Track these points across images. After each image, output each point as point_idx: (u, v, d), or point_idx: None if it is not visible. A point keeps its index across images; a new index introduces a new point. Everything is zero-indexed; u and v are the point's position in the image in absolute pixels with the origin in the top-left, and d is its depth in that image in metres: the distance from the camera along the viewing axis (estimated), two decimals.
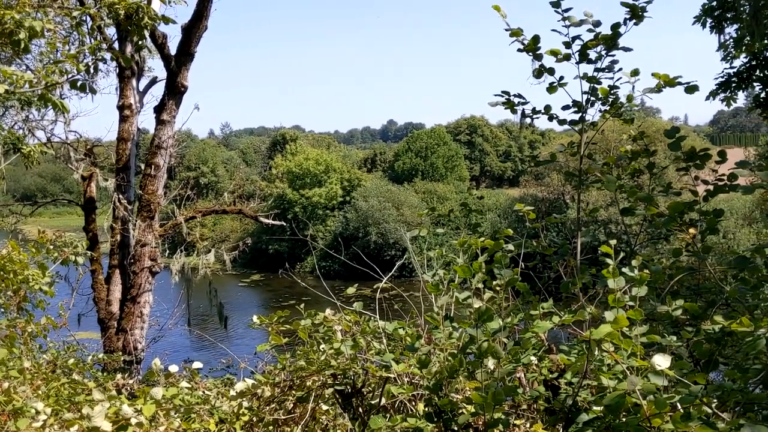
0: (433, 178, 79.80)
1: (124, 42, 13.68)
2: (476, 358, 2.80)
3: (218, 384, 5.02)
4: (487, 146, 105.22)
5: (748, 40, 11.18)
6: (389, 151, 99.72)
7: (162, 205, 13.95)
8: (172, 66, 12.96)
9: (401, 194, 67.93)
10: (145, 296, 13.36)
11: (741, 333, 3.39)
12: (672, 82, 4.55)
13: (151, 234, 13.38)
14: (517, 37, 4.89)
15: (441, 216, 5.32)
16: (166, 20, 8.63)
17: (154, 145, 13.41)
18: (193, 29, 12.77)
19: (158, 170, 13.43)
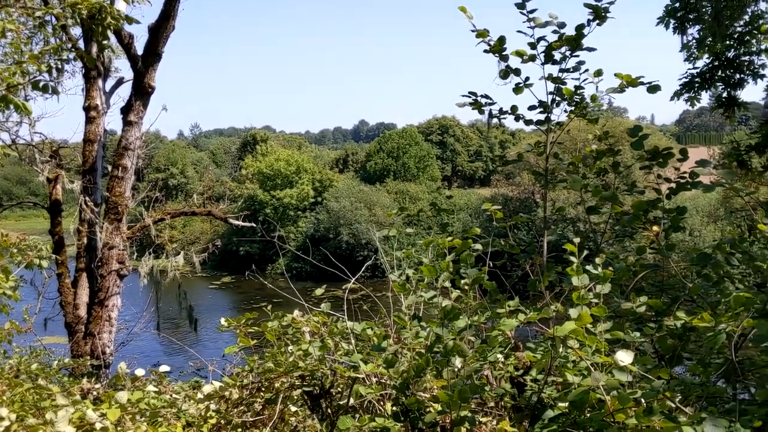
0: (405, 178, 79.97)
1: (89, 42, 13.48)
2: (443, 356, 2.82)
3: (185, 387, 4.98)
4: (458, 146, 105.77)
5: (710, 41, 11.41)
6: (361, 151, 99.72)
7: (130, 207, 13.78)
8: (139, 66, 12.82)
9: (373, 194, 67.95)
10: (113, 300, 13.18)
11: (702, 328, 3.46)
12: (634, 82, 4.63)
13: (118, 236, 13.21)
14: (483, 38, 4.93)
15: (411, 216, 5.33)
16: (130, 20, 8.53)
17: (121, 147, 13.24)
18: (160, 29, 12.64)
19: (125, 172, 13.26)
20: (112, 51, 14.09)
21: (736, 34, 11.57)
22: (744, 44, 11.68)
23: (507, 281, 4.66)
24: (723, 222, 44.78)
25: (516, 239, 5.12)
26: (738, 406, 3.42)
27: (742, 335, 3.67)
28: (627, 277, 4.40)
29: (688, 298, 4.60)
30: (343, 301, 4.51)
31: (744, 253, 4.26)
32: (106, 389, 5.86)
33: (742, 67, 11.61)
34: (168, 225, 16.80)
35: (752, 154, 11.67)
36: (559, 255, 4.05)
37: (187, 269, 18.79)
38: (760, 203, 4.94)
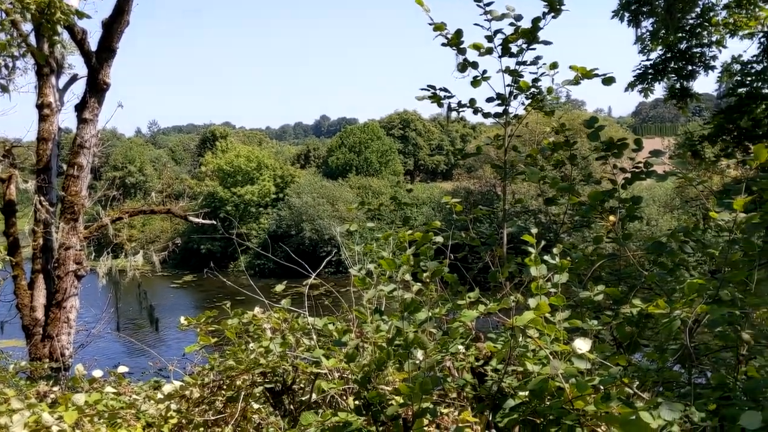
0: (367, 173, 79.95)
1: (41, 38, 13.15)
2: (403, 349, 2.83)
3: (145, 387, 4.90)
4: (420, 140, 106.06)
5: (663, 34, 11.63)
6: (323, 146, 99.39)
7: (86, 207, 13.51)
8: (93, 63, 12.56)
9: (335, 190, 67.81)
10: (71, 301, 12.93)
11: (658, 315, 3.53)
12: (589, 74, 4.69)
13: (75, 237, 12.95)
14: (440, 32, 4.95)
15: (372, 210, 5.33)
16: (81, 15, 8.34)
17: (76, 145, 12.97)
18: (114, 24, 12.40)
19: (81, 170, 12.99)
20: (63, 47, 13.77)
21: (687, 27, 11.83)
22: (695, 36, 11.95)
23: (468, 273, 4.69)
24: (679, 211, 45.81)
25: (477, 232, 5.16)
26: (693, 390, 3.50)
27: (696, 321, 3.77)
28: (585, 267, 4.48)
29: (646, 286, 4.70)
30: (305, 297, 4.48)
31: (697, 241, 4.36)
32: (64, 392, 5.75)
33: (693, 58, 11.88)
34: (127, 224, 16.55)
35: (705, 145, 11.95)
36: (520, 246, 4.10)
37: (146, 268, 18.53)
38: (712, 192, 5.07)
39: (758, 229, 3.71)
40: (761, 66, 11.56)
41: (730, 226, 3.57)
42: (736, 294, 3.64)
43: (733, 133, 11.04)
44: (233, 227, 48.85)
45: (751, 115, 11.20)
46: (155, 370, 8.32)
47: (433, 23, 4.90)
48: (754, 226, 3.69)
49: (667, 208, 49.35)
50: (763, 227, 3.73)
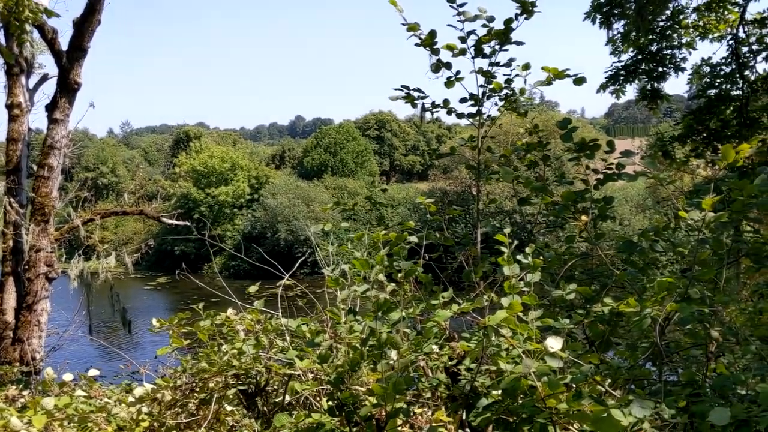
0: (343, 174, 79.83)
1: (10, 37, 12.93)
2: (376, 349, 2.82)
3: (117, 391, 4.84)
4: (395, 141, 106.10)
5: (634, 35, 11.78)
6: (298, 147, 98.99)
7: (57, 208, 13.31)
8: (64, 62, 12.38)
9: (311, 190, 67.61)
10: (42, 304, 12.72)
11: (628, 313, 3.58)
12: (561, 74, 4.73)
13: (46, 238, 12.75)
14: (414, 32, 4.96)
15: (346, 210, 5.32)
16: (50, 13, 8.21)
17: (46, 146, 12.77)
18: (86, 24, 12.24)
19: (52, 171, 12.80)
20: (32, 46, 13.55)
21: (658, 29, 11.99)
22: (666, 38, 12.12)
23: (442, 273, 4.70)
24: (651, 211, 46.39)
25: (452, 232, 5.17)
26: (664, 387, 3.55)
27: (666, 319, 3.82)
28: (558, 266, 4.52)
29: (618, 285, 4.75)
30: (281, 298, 4.46)
31: (667, 241, 4.42)
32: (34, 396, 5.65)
33: (664, 60, 12.04)
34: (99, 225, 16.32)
35: (676, 145, 12.12)
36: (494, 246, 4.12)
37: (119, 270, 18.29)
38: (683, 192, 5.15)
39: (727, 228, 3.77)
40: (730, 68, 11.77)
41: (699, 226, 3.62)
42: (705, 292, 3.69)
43: (703, 134, 11.22)
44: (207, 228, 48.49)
45: (720, 116, 11.39)
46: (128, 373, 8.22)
47: (407, 24, 4.91)
48: (723, 225, 3.74)
49: (639, 208, 49.95)
50: (732, 226, 3.80)
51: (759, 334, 4.64)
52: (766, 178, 3.79)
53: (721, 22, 12.36)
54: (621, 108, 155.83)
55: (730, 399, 3.41)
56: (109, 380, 7.20)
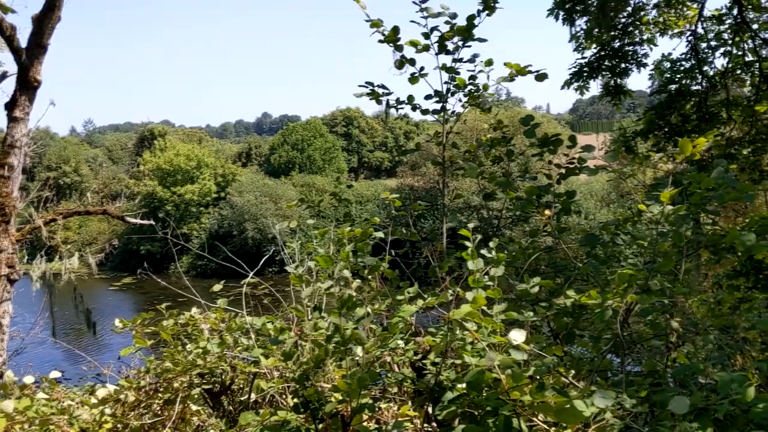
0: (310, 171, 79.54)
1: None
2: (341, 346, 2.82)
3: (79, 393, 4.76)
4: (363, 138, 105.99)
5: (597, 32, 11.93)
6: (264, 144, 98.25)
7: (18, 208, 13.01)
8: (23, 59, 12.08)
9: (278, 188, 67.22)
10: (4, 306, 12.42)
11: (590, 306, 3.63)
12: (523, 71, 4.77)
13: (7, 239, 12.45)
14: (377, 29, 4.95)
15: (311, 207, 5.30)
16: (5, 9, 8.01)
17: (6, 145, 12.47)
18: (45, 20, 11.95)
19: (12, 171, 12.50)
20: None
21: (620, 26, 12.15)
22: (628, 35, 12.29)
23: (408, 269, 4.72)
24: (615, 205, 47.09)
25: (420, 227, 5.19)
26: (626, 377, 3.61)
27: (628, 310, 3.88)
28: (522, 260, 4.56)
29: (583, 278, 4.82)
30: (248, 296, 4.44)
31: (628, 234, 4.49)
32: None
33: (626, 56, 12.21)
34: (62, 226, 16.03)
35: (638, 140, 12.31)
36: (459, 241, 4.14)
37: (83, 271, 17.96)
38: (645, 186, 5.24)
39: (686, 220, 3.84)
40: (689, 64, 11.99)
41: (658, 218, 3.69)
42: (665, 284, 3.76)
43: (664, 128, 11.41)
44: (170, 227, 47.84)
45: (681, 111, 11.61)
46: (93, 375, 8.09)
47: (370, 20, 4.90)
48: (682, 218, 3.81)
49: (603, 202, 50.65)
50: (691, 219, 3.87)
51: (717, 324, 4.76)
52: (723, 171, 3.88)
53: (680, 19, 12.59)
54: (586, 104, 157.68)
55: (691, 388, 3.48)
56: (74, 382, 7.08)
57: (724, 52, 12.14)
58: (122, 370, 5.47)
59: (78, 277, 15.53)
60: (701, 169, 4.01)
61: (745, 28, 11.83)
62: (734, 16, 11.92)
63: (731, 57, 12.10)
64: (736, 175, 11.13)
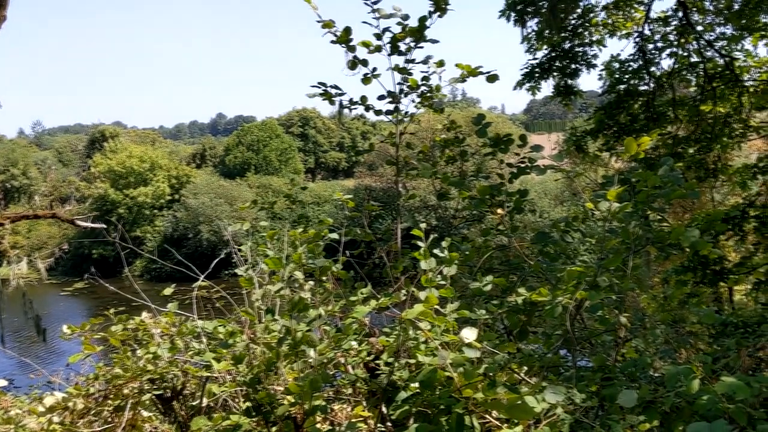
0: (266, 172, 78.88)
1: None
2: (292, 348, 2.82)
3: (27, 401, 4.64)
4: (320, 138, 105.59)
5: (548, 33, 12.13)
6: (219, 145, 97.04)
7: None
8: None
9: (234, 189, 66.52)
10: None
11: (541, 302, 3.69)
12: (474, 72, 4.82)
13: None
14: (329, 29, 4.95)
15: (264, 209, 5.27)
16: None
17: None
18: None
19: None
20: None
21: (570, 27, 12.38)
22: (578, 36, 12.52)
23: (363, 269, 4.72)
24: (568, 203, 47.90)
25: (375, 228, 5.20)
26: (576, 373, 3.68)
27: (578, 306, 3.95)
28: (475, 259, 4.61)
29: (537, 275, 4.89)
30: (203, 300, 4.39)
31: (577, 231, 4.58)
32: None
33: (576, 57, 12.44)
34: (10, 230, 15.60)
35: (588, 139, 12.56)
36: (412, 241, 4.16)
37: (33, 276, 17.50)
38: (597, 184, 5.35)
39: (633, 217, 3.92)
40: (637, 64, 12.27)
41: (605, 216, 3.76)
42: (614, 280, 3.84)
43: (613, 128, 11.67)
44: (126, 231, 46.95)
45: (629, 110, 11.89)
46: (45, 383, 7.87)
47: (322, 21, 4.89)
48: (630, 215, 3.90)
49: (557, 201, 51.46)
50: (639, 216, 3.96)
51: (664, 318, 4.89)
52: (669, 169, 3.98)
53: (628, 20, 12.87)
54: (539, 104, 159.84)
55: (639, 382, 3.57)
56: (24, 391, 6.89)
57: (670, 53, 12.47)
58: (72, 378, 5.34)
59: (27, 283, 15.13)
60: (649, 168, 4.10)
61: (690, 30, 12.17)
62: (679, 18, 12.25)
63: (677, 58, 12.44)
64: (683, 173, 11.45)
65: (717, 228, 8.73)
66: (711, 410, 3.01)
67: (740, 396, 2.98)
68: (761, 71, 12.47)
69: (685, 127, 12.40)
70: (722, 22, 12.24)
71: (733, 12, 11.84)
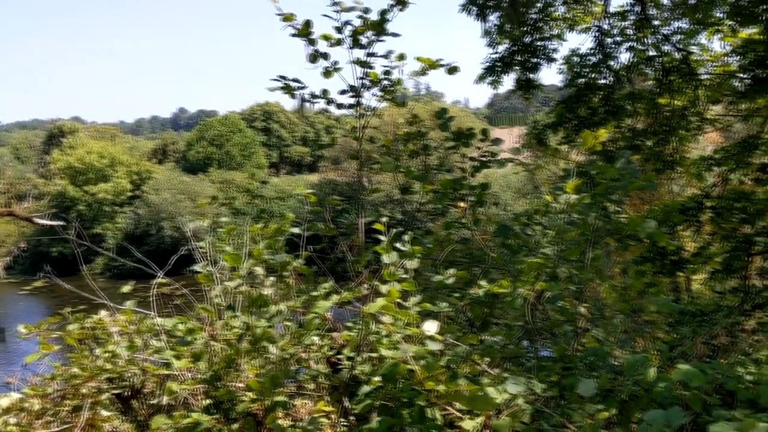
0: (229, 167, 78.05)
1: None
2: (252, 345, 2.80)
3: None
4: (284, 132, 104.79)
5: (508, 28, 12.20)
6: (181, 140, 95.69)
7: None
8: None
9: (196, 185, 65.76)
10: None
11: (502, 294, 3.73)
12: (435, 65, 4.83)
13: None
14: (289, 22, 4.91)
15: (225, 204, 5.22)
16: None
17: None
18: None
19: None
20: None
21: (530, 21, 12.46)
22: (538, 30, 12.62)
23: (325, 264, 4.71)
24: (530, 196, 48.46)
25: (339, 222, 5.19)
26: (537, 363, 3.73)
27: (539, 297, 4.01)
28: (438, 252, 4.64)
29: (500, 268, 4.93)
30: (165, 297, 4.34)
31: (538, 223, 4.63)
32: None
33: (537, 51, 12.54)
34: None
35: (549, 132, 12.70)
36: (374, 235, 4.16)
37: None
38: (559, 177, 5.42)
39: (592, 209, 3.98)
40: (596, 59, 12.42)
41: (564, 208, 3.81)
42: (573, 271, 3.90)
43: (573, 121, 11.81)
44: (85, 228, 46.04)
45: (589, 104, 12.04)
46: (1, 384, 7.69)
47: (282, 14, 4.86)
48: (588, 206, 3.95)
49: (520, 194, 52.00)
50: (598, 208, 4.02)
51: (622, 308, 4.97)
52: (626, 161, 4.04)
53: (587, 15, 13.01)
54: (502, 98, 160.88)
55: (599, 371, 3.63)
56: None
57: (628, 47, 12.64)
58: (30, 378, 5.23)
59: None
60: (609, 161, 4.17)
61: (647, 25, 12.36)
62: (637, 12, 12.43)
63: (635, 52, 12.62)
64: (641, 165, 11.65)
65: (674, 219, 8.93)
66: (667, 397, 3.08)
67: (695, 383, 3.05)
68: (716, 65, 12.75)
69: (643, 120, 12.60)
70: (678, 16, 12.47)
71: (688, 7, 12.06)
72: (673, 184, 17.03)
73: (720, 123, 13.10)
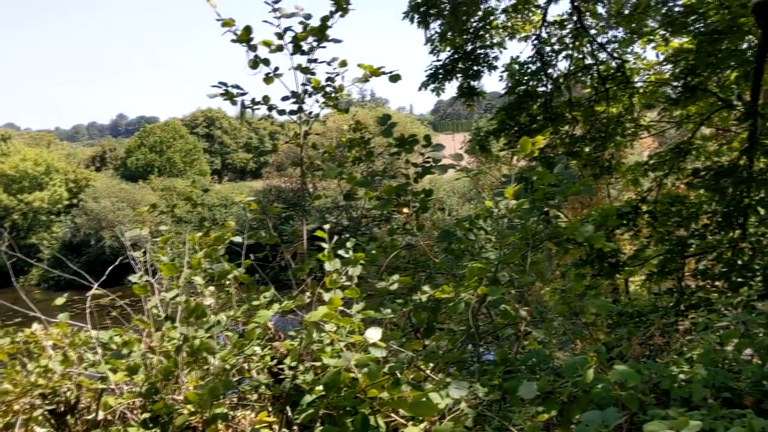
0: (171, 174, 76.51)
1: None
2: (190, 356, 2.74)
3: None
4: (227, 139, 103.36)
5: (450, 35, 12.37)
6: (120, 147, 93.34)
7: None
8: None
9: (137, 193, 64.21)
10: None
11: (445, 299, 3.75)
12: (377, 72, 4.84)
13: None
14: (229, 28, 4.85)
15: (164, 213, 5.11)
16: None
17: None
18: None
19: None
20: None
21: (472, 29, 12.67)
22: (479, 38, 12.84)
23: (267, 272, 4.65)
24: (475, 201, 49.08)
25: (281, 229, 5.14)
26: (479, 367, 3.76)
27: (481, 302, 4.05)
28: (381, 258, 4.64)
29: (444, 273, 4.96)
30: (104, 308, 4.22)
31: (480, 228, 4.68)
32: None
33: (478, 59, 12.75)
34: None
35: (492, 139, 12.91)
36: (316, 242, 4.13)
37: None
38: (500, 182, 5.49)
39: (531, 214, 4.05)
40: (536, 66, 12.71)
41: (504, 213, 3.86)
42: (513, 275, 3.95)
43: (514, 128, 12.04)
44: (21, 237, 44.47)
45: (529, 111, 12.30)
46: None
47: (221, 19, 4.79)
48: (528, 211, 4.01)
49: (465, 199, 52.58)
50: (538, 212, 4.08)
51: (562, 311, 5.08)
52: (563, 167, 4.12)
53: (526, 23, 13.32)
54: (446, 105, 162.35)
55: (540, 373, 3.68)
56: None
57: (566, 55, 12.98)
58: None
59: None
60: (548, 167, 4.25)
61: (584, 34, 12.71)
62: (574, 21, 12.77)
63: (572, 60, 12.96)
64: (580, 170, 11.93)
65: (611, 223, 9.17)
66: (605, 398, 3.15)
67: (631, 383, 3.13)
68: (650, 73, 13.20)
69: (581, 126, 12.94)
70: (614, 25, 12.87)
71: (623, 16, 12.46)
72: (610, 189, 17.49)
73: (654, 129, 13.56)
